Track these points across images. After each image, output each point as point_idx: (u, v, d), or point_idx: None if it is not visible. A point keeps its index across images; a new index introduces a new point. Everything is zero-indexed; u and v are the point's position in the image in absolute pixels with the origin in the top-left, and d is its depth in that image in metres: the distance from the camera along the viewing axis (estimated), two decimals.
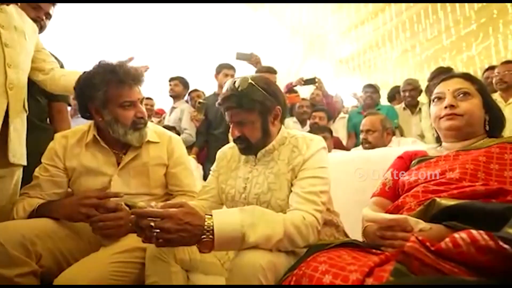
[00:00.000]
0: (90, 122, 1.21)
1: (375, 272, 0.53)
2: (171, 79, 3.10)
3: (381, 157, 1.31)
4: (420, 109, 2.74)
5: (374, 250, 0.69)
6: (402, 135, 2.81)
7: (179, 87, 3.05)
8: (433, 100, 1.01)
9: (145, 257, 0.94)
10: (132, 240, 1.03)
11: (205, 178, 2.39)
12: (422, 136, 2.65)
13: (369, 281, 0.51)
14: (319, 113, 2.70)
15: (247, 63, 2.56)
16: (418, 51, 6.44)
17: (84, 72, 1.10)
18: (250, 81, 0.94)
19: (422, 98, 3.00)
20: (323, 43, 7.00)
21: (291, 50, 6.23)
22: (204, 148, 2.78)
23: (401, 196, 0.93)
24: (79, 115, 1.17)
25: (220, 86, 2.82)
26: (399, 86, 3.09)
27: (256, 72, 2.52)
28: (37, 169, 1.13)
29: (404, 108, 2.87)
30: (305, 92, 3.52)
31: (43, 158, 1.14)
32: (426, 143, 2.38)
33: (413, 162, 1.03)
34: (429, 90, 2.71)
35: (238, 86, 0.93)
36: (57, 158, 1.13)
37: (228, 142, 1.22)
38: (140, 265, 1.00)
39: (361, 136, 2.07)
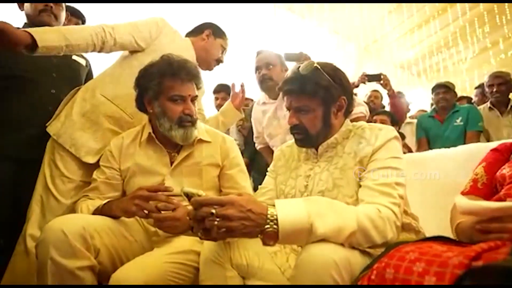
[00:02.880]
0: (136, 127, 1.33)
1: (484, 256, 0.47)
2: (217, 91, 3.23)
3: (466, 154, 1.21)
4: (511, 107, 2.48)
5: (473, 246, 0.62)
6: (488, 141, 2.55)
7: (226, 100, 3.17)
8: None
9: (199, 261, 0.97)
10: (186, 243, 1.08)
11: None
12: None
13: (477, 264, 0.45)
14: (381, 116, 2.57)
15: (297, 63, 2.60)
16: (502, 47, 5.92)
17: (145, 65, 1.23)
18: (315, 65, 0.95)
19: None
20: (381, 48, 6.83)
21: (344, 57, 6.17)
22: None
23: (501, 191, 0.84)
24: None
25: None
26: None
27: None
28: (95, 171, 1.25)
29: (490, 108, 2.61)
30: (360, 94, 3.41)
31: (101, 161, 1.27)
32: None
33: None
34: None
35: (302, 70, 0.95)
36: (113, 159, 1.24)
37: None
38: (194, 269, 1.02)
39: (261, 73, 1.96)
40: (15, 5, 1.63)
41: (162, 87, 1.17)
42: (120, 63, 1.47)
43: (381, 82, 2.66)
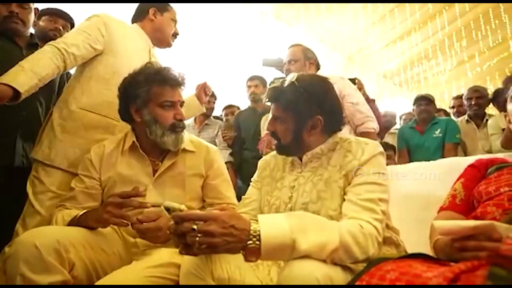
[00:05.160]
0: (126, 130, 1.29)
1: (462, 278, 0.48)
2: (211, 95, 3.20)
3: (445, 167, 1.24)
4: (487, 121, 2.58)
5: (452, 263, 0.63)
6: (465, 152, 2.64)
7: (213, 105, 3.15)
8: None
9: (179, 274, 0.95)
10: (166, 255, 1.05)
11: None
12: (491, 153, 2.47)
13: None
14: None
15: (276, 69, 2.61)
16: (477, 61, 6.18)
17: (129, 73, 1.21)
18: (294, 80, 0.96)
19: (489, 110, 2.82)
20: (364, 57, 6.98)
21: (329, 66, 6.27)
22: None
23: (477, 208, 0.87)
24: None
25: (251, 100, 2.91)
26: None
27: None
28: (73, 180, 1.21)
29: (467, 121, 2.71)
30: None
31: (79, 169, 1.22)
32: None
33: (489, 170, 0.97)
34: (501, 96, 2.56)
35: (286, 82, 0.96)
36: (93, 168, 1.20)
37: None
38: (174, 283, 1.00)
39: (284, 68, 2.03)
40: None
41: (151, 94, 1.15)
42: (82, 73, 1.41)
43: (356, 86, 2.68)
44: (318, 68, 2.15)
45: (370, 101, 2.88)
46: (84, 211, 1.09)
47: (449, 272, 0.49)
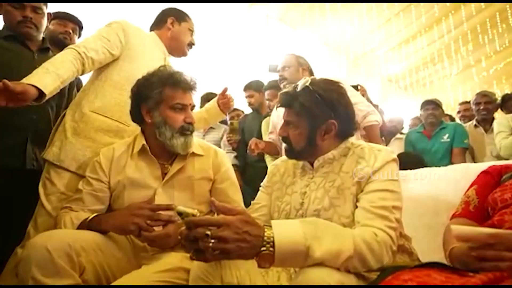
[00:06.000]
0: (135, 134, 1.30)
1: None
2: (207, 98, 3.20)
3: (456, 173, 1.23)
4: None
5: (471, 274, 0.62)
6: (473, 157, 2.62)
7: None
8: None
9: (188, 279, 0.94)
10: (175, 260, 1.05)
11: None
12: (499, 158, 2.44)
13: None
14: None
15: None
16: (484, 65, 6.15)
17: (143, 75, 1.23)
18: (308, 84, 0.96)
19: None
20: (370, 61, 6.97)
21: (334, 69, 6.26)
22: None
23: (492, 215, 0.86)
24: None
25: None
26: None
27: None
28: (81, 182, 1.21)
29: (475, 126, 2.69)
30: None
31: (87, 172, 1.22)
32: None
33: (504, 177, 0.95)
34: (509, 101, 2.53)
35: (298, 86, 0.96)
36: (101, 171, 1.20)
37: (265, 174, 1.20)
38: None
39: (278, 74, 2.09)
40: None
41: (163, 95, 1.17)
42: (97, 77, 1.43)
43: (358, 92, 2.68)
44: (311, 74, 2.15)
45: (374, 107, 2.87)
46: (94, 214, 1.09)
47: (471, 284, 0.48)
